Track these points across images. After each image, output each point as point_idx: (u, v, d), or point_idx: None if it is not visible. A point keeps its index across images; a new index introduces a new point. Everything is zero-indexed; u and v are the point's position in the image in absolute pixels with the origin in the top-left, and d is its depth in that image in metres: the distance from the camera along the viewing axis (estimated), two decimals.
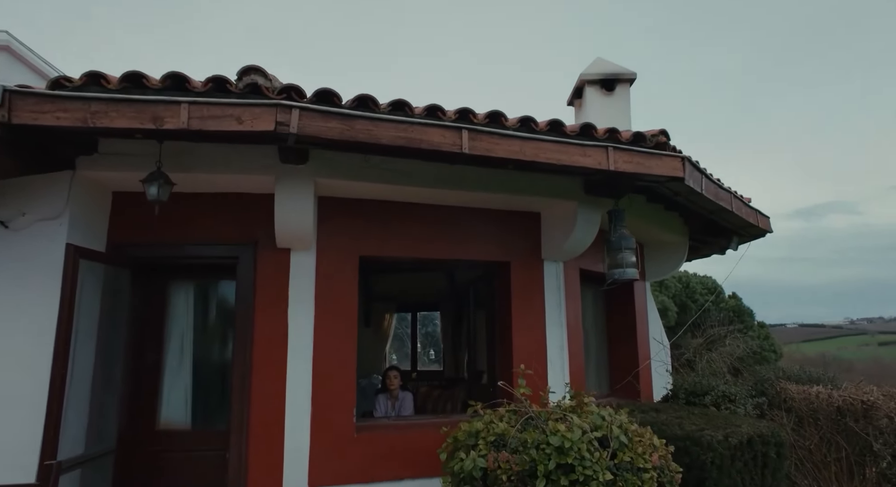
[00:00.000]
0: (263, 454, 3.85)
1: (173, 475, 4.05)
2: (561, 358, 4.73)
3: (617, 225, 4.28)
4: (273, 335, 3.99)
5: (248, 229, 4.09)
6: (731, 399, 4.49)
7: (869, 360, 41.60)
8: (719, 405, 4.46)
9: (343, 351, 4.14)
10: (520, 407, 3.09)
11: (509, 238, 4.76)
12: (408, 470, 4.12)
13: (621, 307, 6.15)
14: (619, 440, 2.68)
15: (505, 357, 4.73)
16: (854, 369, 31.22)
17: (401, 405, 5.28)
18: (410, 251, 4.45)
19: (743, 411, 4.40)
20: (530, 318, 4.70)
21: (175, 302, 4.40)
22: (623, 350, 6.06)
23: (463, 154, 3.40)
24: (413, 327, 10.84)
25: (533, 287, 4.77)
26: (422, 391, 6.12)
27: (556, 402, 3.45)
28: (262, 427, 3.88)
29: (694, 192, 4.22)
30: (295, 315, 4.06)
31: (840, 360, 39.77)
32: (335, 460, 3.97)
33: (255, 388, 3.91)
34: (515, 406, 3.19)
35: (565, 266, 4.96)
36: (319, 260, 4.19)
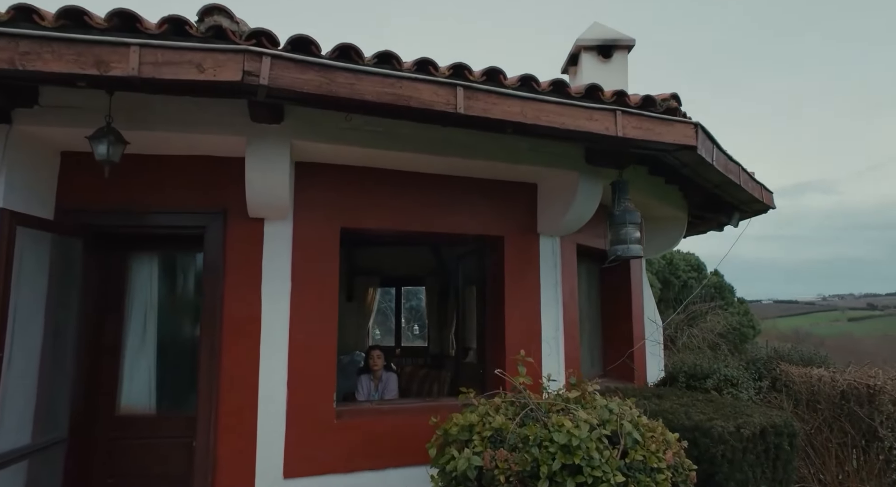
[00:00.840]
0: (234, 442, 3.53)
1: (135, 464, 3.72)
2: (556, 339, 4.45)
3: (621, 198, 3.95)
4: (245, 312, 3.64)
5: (216, 196, 3.69)
6: (733, 383, 4.26)
7: (839, 335, 42.77)
8: (721, 389, 4.24)
9: (323, 331, 3.80)
10: (518, 398, 2.79)
11: (503, 211, 4.42)
12: (392, 459, 3.84)
13: (616, 285, 5.88)
14: (630, 436, 2.40)
15: (497, 338, 4.43)
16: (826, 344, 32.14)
17: (384, 387, 4.98)
18: (397, 223, 4.09)
19: (746, 395, 4.18)
20: (524, 296, 4.40)
21: (137, 276, 4.00)
22: (617, 329, 5.81)
23: (457, 114, 3.03)
24: (397, 302, 10.54)
25: (528, 264, 4.45)
26: (406, 370, 5.83)
27: (555, 390, 3.16)
28: (233, 413, 3.55)
29: (703, 163, 3.90)
30: (269, 291, 3.70)
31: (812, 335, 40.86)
32: (313, 448, 3.67)
33: (225, 370, 3.57)
34: (513, 396, 2.89)
35: (562, 242, 4.64)
36: (297, 231, 3.81)
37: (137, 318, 3.95)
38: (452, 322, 9.71)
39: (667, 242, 6.04)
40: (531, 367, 4.16)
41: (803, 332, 42.95)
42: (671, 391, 4.08)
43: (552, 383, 4.13)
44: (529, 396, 2.76)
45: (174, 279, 4.15)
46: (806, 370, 4.74)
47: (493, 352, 4.48)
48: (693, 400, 3.61)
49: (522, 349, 3.29)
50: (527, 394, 2.77)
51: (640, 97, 3.57)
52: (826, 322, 66.40)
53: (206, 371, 3.52)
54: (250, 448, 3.55)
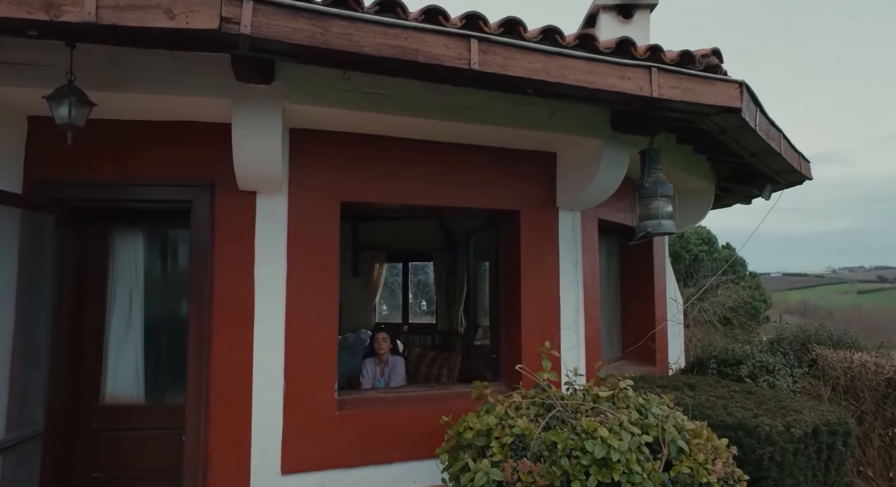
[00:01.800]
0: (226, 435, 3.24)
1: (122, 458, 3.45)
2: (576, 322, 4.11)
3: (651, 168, 3.55)
4: (236, 294, 3.31)
5: (202, 167, 3.32)
6: (769, 370, 3.92)
7: (848, 308, 42.62)
8: (756, 376, 3.90)
9: (322, 315, 3.47)
10: (542, 396, 2.45)
11: (519, 183, 4.03)
12: (398, 452, 3.56)
13: (638, 262, 5.51)
14: (675, 444, 2.07)
15: (511, 320, 4.10)
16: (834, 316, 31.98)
17: (391, 372, 4.68)
18: (402, 197, 3.72)
19: (784, 384, 3.84)
20: (542, 275, 4.04)
21: (121, 255, 3.67)
22: (638, 309, 5.46)
23: (471, 71, 2.62)
24: (404, 278, 10.24)
25: (546, 240, 4.08)
26: (414, 352, 5.53)
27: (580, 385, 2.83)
28: (225, 404, 3.25)
29: (745, 128, 3.48)
30: (263, 271, 3.36)
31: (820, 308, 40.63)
32: (313, 441, 3.38)
33: (216, 358, 3.26)
34: (536, 394, 2.56)
35: (583, 216, 4.26)
36: (292, 206, 3.45)
37: (122, 300, 3.63)
38: (461, 299, 9.40)
39: (693, 216, 5.64)
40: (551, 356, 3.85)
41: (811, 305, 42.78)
42: (704, 380, 3.74)
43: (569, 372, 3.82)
44: (555, 394, 2.42)
45: (162, 258, 3.82)
46: (845, 354, 4.39)
47: (508, 336, 4.16)
48: (730, 392, 3.27)
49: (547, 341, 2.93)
50: (552, 392, 2.43)
51: (676, 53, 3.14)
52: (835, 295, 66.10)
53: (194, 359, 3.21)
54: (244, 442, 3.26)
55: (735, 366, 4.06)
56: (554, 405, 2.31)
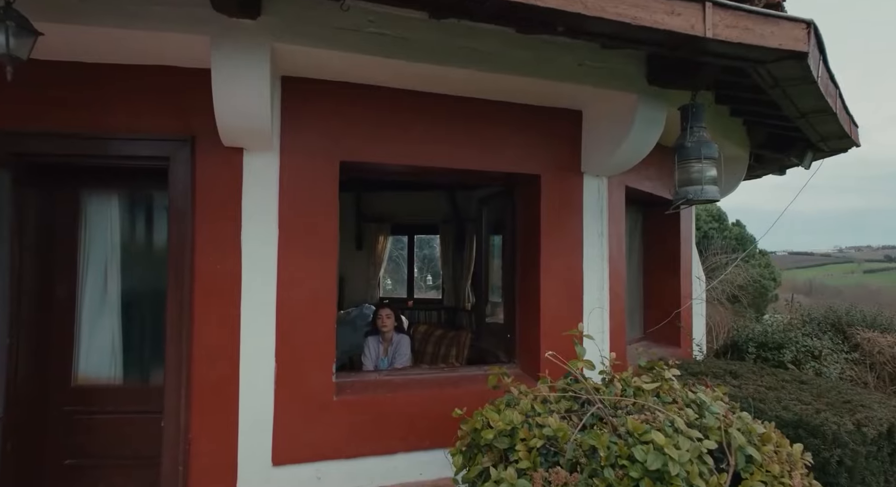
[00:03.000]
0: (211, 421, 2.90)
1: (97, 443, 3.11)
2: (601, 300, 3.72)
3: (694, 127, 3.11)
4: (221, 266, 2.93)
5: (181, 119, 2.90)
6: (814, 355, 3.53)
7: (854, 286, 42.36)
8: (801, 362, 3.51)
9: (319, 288, 3.09)
10: (574, 388, 2.06)
11: (540, 144, 3.60)
12: (403, 442, 3.21)
13: (663, 235, 5.08)
14: (743, 452, 1.69)
15: (529, 298, 3.71)
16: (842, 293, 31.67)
17: (395, 351, 4.32)
18: (409, 157, 3.30)
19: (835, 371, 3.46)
20: (564, 248, 3.63)
21: (93, 219, 3.27)
22: (662, 286, 5.06)
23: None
24: (410, 251, 9.86)
25: (568, 209, 3.67)
26: (420, 330, 5.16)
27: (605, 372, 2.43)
28: (209, 389, 2.90)
29: (804, 80, 3.02)
30: (251, 239, 2.97)
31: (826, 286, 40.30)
32: (308, 429, 3.03)
33: (198, 335, 2.89)
34: (566, 384, 2.17)
35: (609, 183, 3.83)
36: (285, 165, 3.04)
37: (96, 270, 3.25)
38: (469, 274, 9.04)
39: (725, 187, 5.19)
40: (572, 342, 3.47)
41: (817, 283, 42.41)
42: (745, 366, 3.37)
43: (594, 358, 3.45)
44: (592, 388, 2.03)
45: (142, 224, 3.41)
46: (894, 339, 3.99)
47: (524, 314, 3.77)
48: (779, 381, 2.89)
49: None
50: (588, 385, 2.04)
51: None
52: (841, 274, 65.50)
53: (173, 337, 2.85)
54: (231, 430, 2.91)
55: (776, 351, 3.68)
56: (591, 401, 1.92)
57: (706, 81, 3.22)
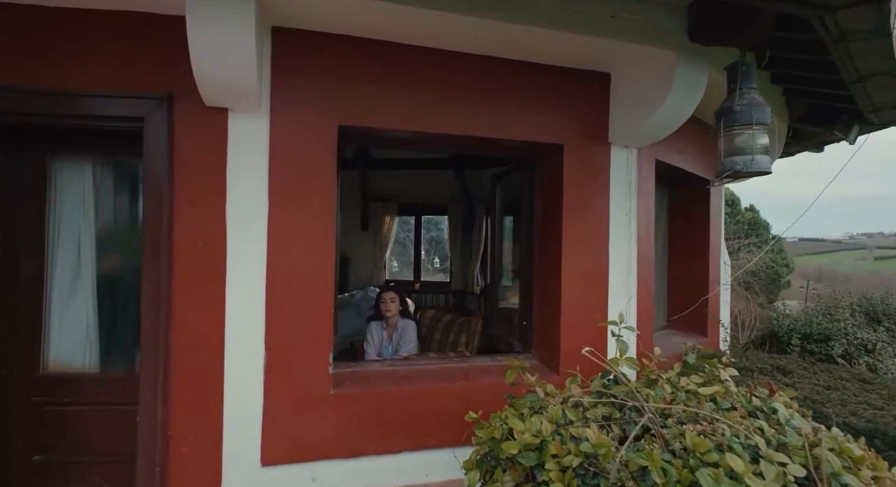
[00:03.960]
0: (191, 416, 2.58)
1: (70, 438, 2.82)
2: (627, 285, 3.36)
3: (743, 88, 2.70)
4: (203, 242, 2.59)
5: (156, 72, 2.55)
6: (867, 349, 3.17)
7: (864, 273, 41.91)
8: (852, 357, 3.15)
9: (315, 269, 2.75)
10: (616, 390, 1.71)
11: (563, 110, 3.21)
12: (408, 439, 2.89)
13: (691, 215, 4.70)
14: (839, 482, 1.34)
15: (547, 281, 3.36)
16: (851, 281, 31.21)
17: (399, 338, 3.99)
18: (416, 122, 2.93)
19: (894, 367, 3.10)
20: (588, 227, 3.27)
21: (64, 189, 2.94)
22: (688, 270, 4.69)
23: None
24: (417, 232, 9.52)
25: (594, 183, 3.29)
26: (427, 314, 4.82)
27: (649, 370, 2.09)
28: (190, 380, 2.58)
29: (875, 33, 2.62)
30: (237, 212, 2.63)
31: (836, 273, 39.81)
32: (302, 425, 2.71)
33: (177, 319, 2.57)
34: (602, 386, 1.82)
35: (638, 155, 3.45)
36: (276, 129, 2.69)
37: (68, 245, 2.92)
38: (478, 256, 8.70)
39: None
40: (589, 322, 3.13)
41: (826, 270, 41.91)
42: (793, 361, 3.02)
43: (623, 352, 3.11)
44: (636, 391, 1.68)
45: (120, 194, 3.07)
46: None
47: (543, 300, 3.42)
48: (836, 379, 2.54)
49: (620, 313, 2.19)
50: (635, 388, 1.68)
51: None
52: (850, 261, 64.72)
53: (149, 321, 2.52)
54: (214, 426, 2.60)
55: (823, 343, 3.32)
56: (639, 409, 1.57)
57: (758, 35, 2.80)
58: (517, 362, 2.17)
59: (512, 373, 2.09)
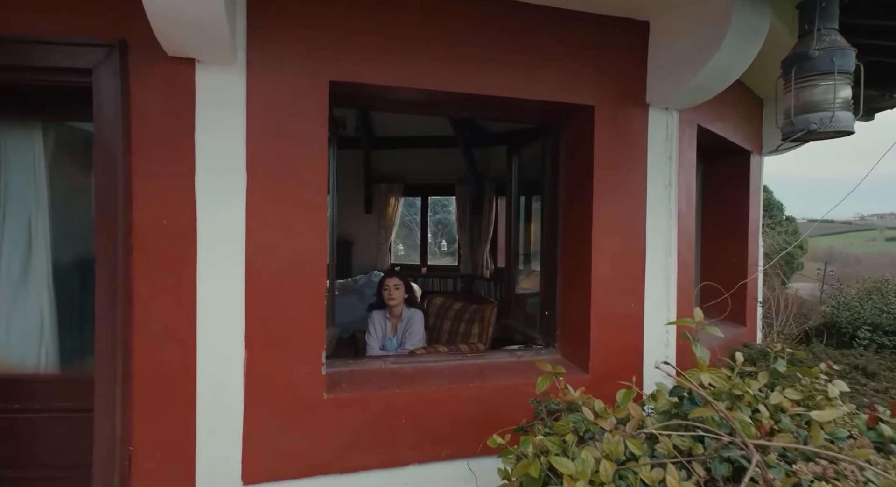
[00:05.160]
0: (158, 427, 2.18)
1: (22, 450, 2.42)
2: (666, 270, 2.91)
3: (822, 29, 2.21)
4: (168, 220, 2.16)
5: (103, 15, 2.10)
6: None
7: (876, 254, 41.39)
8: None
9: (303, 252, 2.32)
10: (696, 414, 1.25)
11: (593, 65, 2.75)
12: (415, 450, 2.48)
13: (729, 190, 4.23)
14: None
15: (574, 264, 2.92)
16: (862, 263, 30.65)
17: (405, 330, 3.58)
18: (420, 79, 2.47)
19: None
20: (622, 203, 2.82)
21: (10, 160, 2.51)
22: (724, 252, 4.23)
23: None
24: (423, 214, 9.08)
25: (628, 153, 2.83)
26: (436, 302, 4.39)
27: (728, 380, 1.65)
28: (155, 382, 2.17)
29: None
30: (209, 186, 2.20)
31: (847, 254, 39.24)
32: (290, 437, 2.31)
33: (139, 312, 2.15)
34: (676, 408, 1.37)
35: (679, 119, 2.98)
36: (254, 85, 2.24)
37: (16, 224, 2.50)
38: (488, 238, 8.26)
39: None
40: (630, 324, 2.71)
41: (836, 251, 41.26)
42: (871, 359, 2.58)
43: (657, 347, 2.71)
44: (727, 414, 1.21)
45: (80, 163, 2.64)
46: None
47: (568, 287, 2.99)
48: None
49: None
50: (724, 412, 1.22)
51: None
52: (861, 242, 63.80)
53: (105, 317, 2.11)
54: (185, 438, 2.20)
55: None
56: (738, 443, 1.12)
57: None
58: (547, 364, 1.75)
59: (544, 381, 1.67)
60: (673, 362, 2.92)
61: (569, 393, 1.55)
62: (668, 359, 2.90)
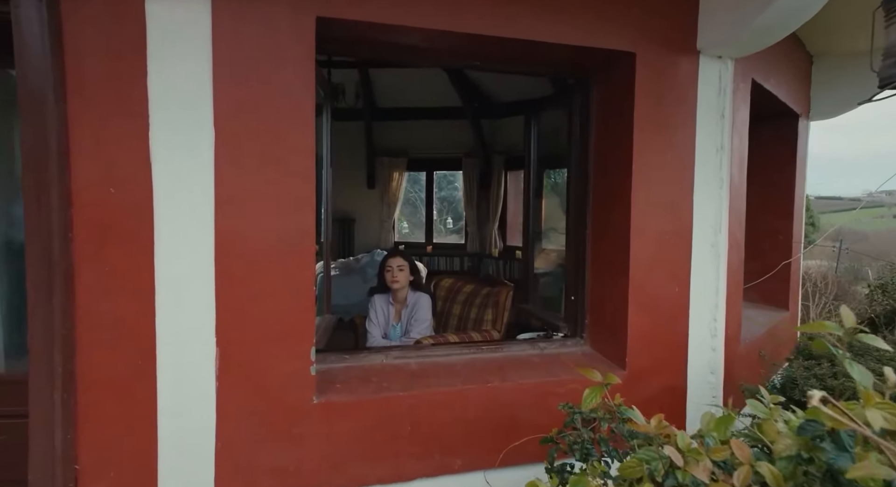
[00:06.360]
0: (110, 442, 1.79)
1: None
2: (716, 248, 2.49)
3: None
4: (116, 188, 1.74)
5: None
6: None
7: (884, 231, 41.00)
8: None
9: (287, 228, 1.90)
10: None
11: (633, 3, 2.28)
12: (424, 461, 2.10)
13: (774, 159, 3.77)
14: None
15: (609, 244, 2.50)
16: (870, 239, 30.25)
17: (410, 316, 3.18)
18: (426, 17, 2.01)
19: None
20: (666, 171, 2.38)
21: None
22: (767, 228, 3.79)
23: None
24: (428, 189, 8.64)
25: (675, 110, 2.38)
26: (444, 284, 3.96)
27: None
28: (105, 387, 1.78)
29: None
30: (167, 145, 1.77)
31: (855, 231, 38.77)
32: (273, 451, 1.92)
33: (84, 303, 1.75)
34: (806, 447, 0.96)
35: (734, 70, 2.52)
36: (221, 20, 1.80)
37: None
38: (496, 215, 7.84)
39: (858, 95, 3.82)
40: (674, 310, 2.30)
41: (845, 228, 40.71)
42: None
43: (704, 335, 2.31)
44: None
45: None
46: None
47: (601, 270, 2.57)
48: None
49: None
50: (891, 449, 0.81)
51: None
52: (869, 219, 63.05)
53: (39, 309, 1.71)
54: (145, 454, 1.81)
55: None
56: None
57: None
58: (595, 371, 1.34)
59: (593, 396, 1.26)
60: (720, 357, 2.52)
61: (640, 424, 1.13)
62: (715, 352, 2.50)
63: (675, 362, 2.42)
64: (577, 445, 1.62)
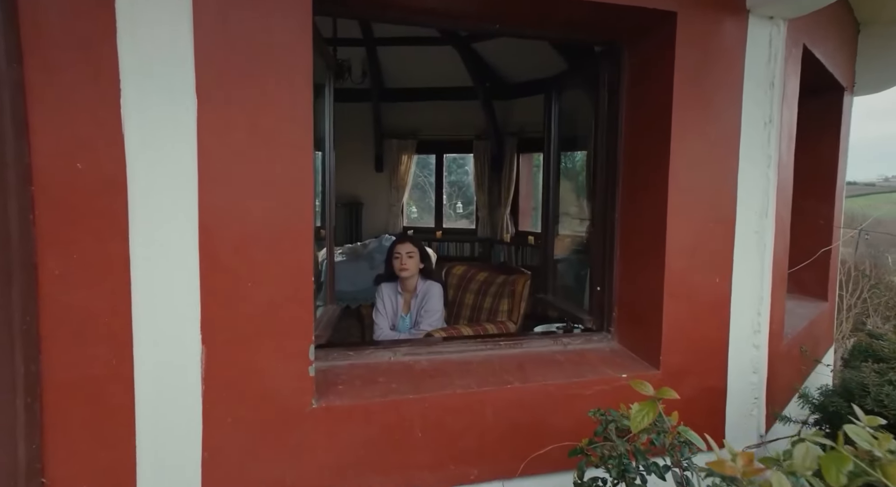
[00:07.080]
0: (81, 454, 1.58)
1: None
2: (761, 235, 2.23)
3: None
4: (85, 163, 1.51)
5: None
6: None
7: None
8: None
9: (281, 208, 1.67)
10: None
11: None
12: (436, 471, 1.88)
13: (816, 137, 3.46)
14: None
15: (642, 230, 2.25)
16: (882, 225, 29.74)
17: (420, 307, 2.95)
18: None
19: None
20: (708, 147, 2.12)
21: None
22: (808, 212, 3.50)
23: None
24: (438, 173, 8.41)
25: (719, 79, 2.11)
26: (455, 272, 3.71)
27: None
28: (76, 392, 1.56)
29: None
30: (142, 112, 1.54)
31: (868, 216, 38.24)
32: (266, 461, 1.71)
33: (47, 296, 1.52)
34: None
35: (788, 32, 2.23)
36: None
37: None
38: (508, 199, 7.60)
39: None
40: (713, 303, 2.07)
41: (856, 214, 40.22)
42: None
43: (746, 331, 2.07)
44: None
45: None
46: None
47: (631, 259, 2.33)
48: None
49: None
50: None
51: None
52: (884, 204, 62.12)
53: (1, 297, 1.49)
54: (122, 468, 1.60)
55: None
56: None
57: None
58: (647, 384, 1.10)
59: (645, 414, 1.03)
60: (764, 355, 2.28)
61: (723, 462, 0.89)
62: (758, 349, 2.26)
63: (715, 360, 2.19)
64: (612, 460, 1.41)
